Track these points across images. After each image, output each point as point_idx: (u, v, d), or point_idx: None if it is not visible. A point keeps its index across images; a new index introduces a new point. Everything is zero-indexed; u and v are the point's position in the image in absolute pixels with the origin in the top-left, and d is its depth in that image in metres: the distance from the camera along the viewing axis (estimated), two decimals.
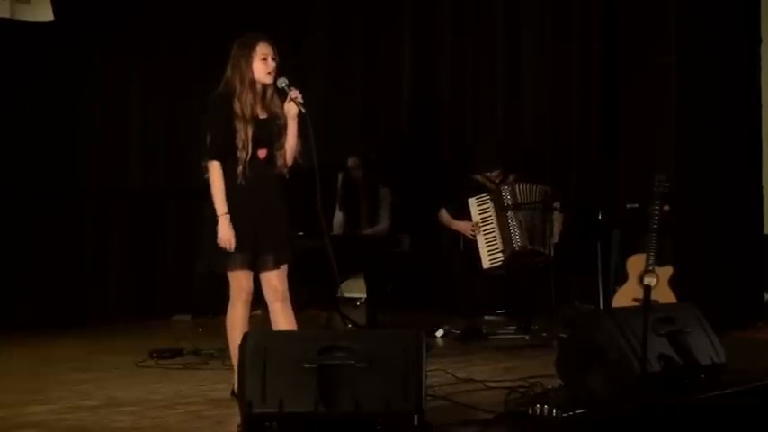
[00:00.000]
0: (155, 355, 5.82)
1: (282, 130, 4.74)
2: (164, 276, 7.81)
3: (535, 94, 7.84)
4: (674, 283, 6.18)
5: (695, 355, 4.56)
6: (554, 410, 4.04)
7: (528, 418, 4.09)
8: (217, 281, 7.87)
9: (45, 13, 6.85)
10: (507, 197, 6.81)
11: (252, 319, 7.63)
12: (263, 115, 4.75)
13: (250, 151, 4.67)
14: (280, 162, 4.77)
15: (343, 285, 7.43)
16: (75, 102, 7.40)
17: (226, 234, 4.68)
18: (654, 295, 5.56)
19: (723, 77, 6.81)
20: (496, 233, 6.81)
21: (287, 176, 4.82)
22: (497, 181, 6.98)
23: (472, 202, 6.89)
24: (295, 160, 4.81)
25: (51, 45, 7.12)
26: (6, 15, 6.75)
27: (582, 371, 4.48)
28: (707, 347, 4.68)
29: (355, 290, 8.06)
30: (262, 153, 4.74)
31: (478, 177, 7.04)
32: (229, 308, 4.80)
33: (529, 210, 6.78)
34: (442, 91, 8.36)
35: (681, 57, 6.77)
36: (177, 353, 5.91)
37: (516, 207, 6.78)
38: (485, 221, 6.85)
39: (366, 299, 7.90)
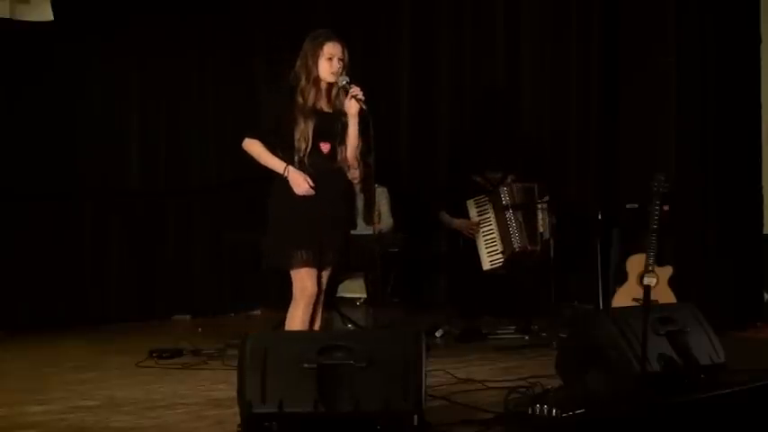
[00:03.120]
0: (155, 355, 5.81)
1: (346, 126, 4.77)
2: (163, 276, 7.80)
3: (535, 94, 7.84)
4: (673, 283, 6.19)
5: (695, 355, 4.56)
6: (554, 410, 4.04)
7: (528, 418, 4.09)
8: (217, 280, 7.95)
9: (45, 14, 6.85)
10: (506, 198, 6.81)
11: (252, 319, 7.68)
12: (327, 109, 4.78)
13: (310, 144, 4.70)
14: (340, 157, 4.79)
15: (342, 285, 7.46)
16: (76, 102, 7.39)
17: (298, 180, 4.66)
18: (654, 295, 5.57)
19: (723, 77, 6.81)
20: (496, 234, 6.82)
21: (347, 174, 4.84)
22: (496, 182, 6.98)
23: (470, 203, 6.90)
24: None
25: (51, 45, 7.11)
26: (6, 15, 6.74)
27: (581, 371, 4.48)
28: (707, 347, 4.68)
29: (355, 290, 8.06)
30: (325, 147, 4.76)
31: (478, 178, 7.04)
32: (291, 307, 4.80)
33: (528, 209, 6.78)
34: (442, 91, 8.36)
35: (681, 57, 6.77)
36: (177, 353, 5.90)
37: (515, 207, 6.78)
38: (484, 222, 6.86)
39: (366, 299, 7.90)
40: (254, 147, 4.77)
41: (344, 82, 4.73)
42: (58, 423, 4.33)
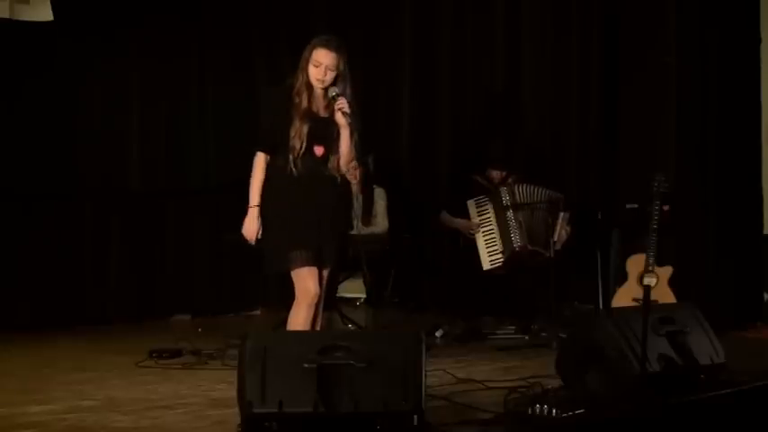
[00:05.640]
0: (154, 355, 5.81)
1: (339, 135, 4.82)
2: (163, 276, 7.79)
3: (535, 94, 7.84)
4: (673, 283, 6.19)
5: (695, 355, 4.57)
6: (554, 410, 4.04)
7: (527, 418, 4.09)
8: (217, 280, 7.95)
9: (45, 13, 6.84)
10: (506, 197, 6.81)
11: (252, 319, 7.68)
12: (323, 113, 4.83)
13: (304, 145, 4.75)
14: (332, 165, 4.83)
15: (342, 285, 7.45)
16: (76, 102, 7.39)
17: (250, 225, 4.79)
18: (654, 295, 5.57)
19: (723, 77, 6.81)
20: (496, 234, 6.82)
21: (344, 175, 4.89)
22: (497, 182, 6.99)
23: (471, 204, 6.90)
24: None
25: (51, 45, 7.11)
26: (6, 15, 6.74)
27: (581, 371, 4.49)
28: (707, 347, 4.69)
29: (355, 290, 8.07)
30: (318, 150, 4.81)
31: (478, 178, 7.05)
32: (293, 308, 4.83)
33: (529, 210, 6.79)
34: (442, 91, 8.36)
35: (681, 57, 6.77)
36: (177, 353, 5.90)
37: (516, 207, 6.78)
38: (484, 222, 6.86)
39: (366, 299, 7.90)
40: (256, 163, 4.84)
41: (333, 93, 4.79)
42: (58, 423, 4.33)
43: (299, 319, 4.79)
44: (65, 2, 6.95)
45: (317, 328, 4.90)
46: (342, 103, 4.75)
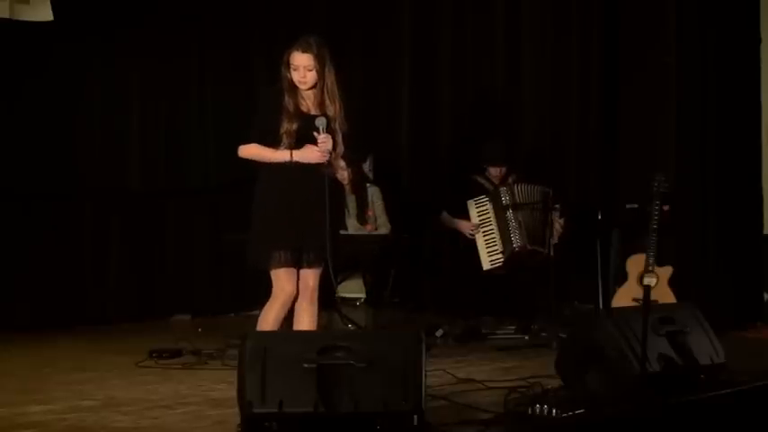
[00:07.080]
0: (154, 354, 5.81)
1: (333, 133, 4.84)
2: (163, 276, 7.79)
3: (535, 94, 7.84)
4: (673, 283, 6.19)
5: (695, 355, 4.57)
6: (554, 410, 4.05)
7: (527, 418, 4.10)
8: (217, 280, 7.95)
9: (45, 14, 6.84)
10: (506, 197, 6.81)
11: (252, 319, 7.67)
12: (315, 112, 4.86)
13: (295, 144, 4.77)
14: (327, 165, 4.85)
15: (342, 285, 7.45)
16: (75, 102, 7.38)
17: (310, 154, 4.76)
18: (654, 295, 5.57)
19: (723, 77, 6.81)
20: (496, 234, 6.82)
21: (336, 175, 4.90)
22: (497, 181, 6.99)
23: (471, 204, 6.90)
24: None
25: (51, 45, 7.11)
26: (6, 15, 6.74)
27: (581, 371, 4.49)
28: (707, 347, 4.69)
29: (355, 290, 8.07)
30: None
31: (478, 178, 7.04)
32: (267, 305, 4.86)
33: (528, 210, 6.79)
34: (442, 91, 8.36)
35: (681, 57, 6.77)
36: (177, 353, 5.90)
37: (515, 207, 6.78)
38: (484, 223, 6.85)
39: (366, 299, 7.90)
40: (250, 149, 4.87)
41: (320, 125, 4.79)
42: (58, 423, 4.34)
43: (270, 317, 4.82)
44: (65, 2, 6.95)
45: (306, 327, 4.88)
46: (322, 140, 4.77)
